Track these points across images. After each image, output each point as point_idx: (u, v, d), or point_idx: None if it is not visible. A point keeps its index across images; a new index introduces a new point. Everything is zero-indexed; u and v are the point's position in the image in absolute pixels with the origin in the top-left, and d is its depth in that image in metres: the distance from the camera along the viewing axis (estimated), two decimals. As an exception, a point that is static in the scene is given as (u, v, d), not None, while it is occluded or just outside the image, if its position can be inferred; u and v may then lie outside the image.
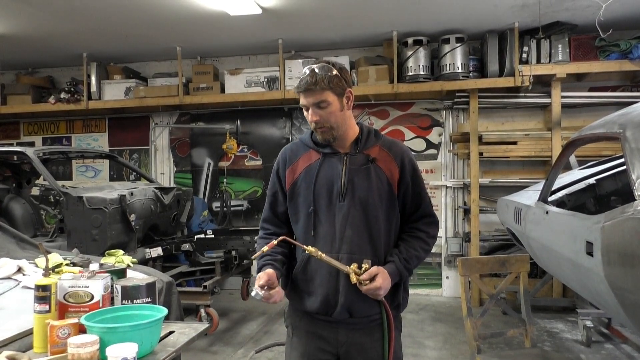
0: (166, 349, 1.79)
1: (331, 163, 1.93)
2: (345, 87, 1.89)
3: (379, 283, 1.80)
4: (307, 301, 1.94)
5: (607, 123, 2.86)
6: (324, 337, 1.95)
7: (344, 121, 1.91)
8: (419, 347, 4.60)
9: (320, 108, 1.86)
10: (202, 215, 6.95)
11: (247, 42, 6.25)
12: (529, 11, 5.11)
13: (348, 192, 1.89)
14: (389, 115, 6.52)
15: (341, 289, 1.87)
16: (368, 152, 1.94)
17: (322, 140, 1.93)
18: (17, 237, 3.37)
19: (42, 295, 1.79)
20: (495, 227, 6.10)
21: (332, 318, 1.91)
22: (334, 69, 1.88)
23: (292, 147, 2.06)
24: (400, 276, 1.90)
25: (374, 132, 2.01)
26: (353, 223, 1.88)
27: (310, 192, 1.92)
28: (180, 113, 7.07)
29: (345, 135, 1.94)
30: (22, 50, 6.33)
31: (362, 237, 1.88)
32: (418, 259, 1.95)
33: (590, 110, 5.86)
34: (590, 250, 2.59)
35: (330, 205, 1.90)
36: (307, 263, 1.93)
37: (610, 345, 4.47)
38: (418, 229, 1.98)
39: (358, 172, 1.90)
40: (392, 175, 1.92)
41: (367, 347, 1.93)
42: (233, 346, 4.67)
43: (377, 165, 1.92)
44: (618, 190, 4.04)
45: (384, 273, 1.83)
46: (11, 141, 7.57)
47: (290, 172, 1.99)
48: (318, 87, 1.83)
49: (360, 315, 1.90)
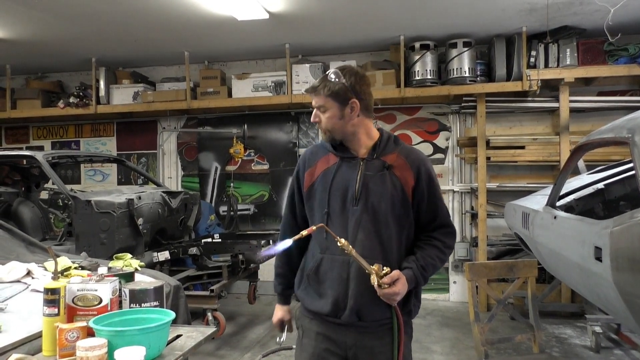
0: (174, 352, 1.80)
1: (348, 167, 1.96)
2: (350, 97, 1.91)
3: (398, 288, 1.79)
4: (318, 303, 1.95)
5: (616, 128, 2.85)
6: (333, 339, 1.95)
7: (346, 128, 1.94)
8: (426, 352, 4.58)
9: (320, 111, 1.94)
10: (209, 219, 6.95)
11: (254, 47, 6.28)
12: (537, 15, 5.10)
13: (362, 197, 1.90)
14: (396, 119, 6.52)
15: (350, 293, 1.88)
16: (385, 159, 1.95)
17: (325, 139, 2.00)
18: (26, 241, 3.39)
19: (51, 299, 1.80)
20: (502, 232, 6.07)
21: (341, 321, 1.91)
22: (344, 78, 1.90)
23: (313, 149, 2.11)
24: (416, 283, 1.91)
25: (394, 139, 2.02)
26: (365, 228, 1.89)
27: (325, 195, 1.95)
28: (187, 117, 7.11)
29: (358, 141, 1.97)
30: (32, 55, 6.39)
31: (373, 242, 1.89)
32: (434, 268, 1.96)
33: (599, 114, 5.83)
34: (599, 255, 2.58)
35: (344, 209, 1.92)
36: (320, 265, 1.95)
37: (619, 351, 4.43)
38: (435, 237, 1.98)
39: (373, 178, 1.92)
40: (407, 183, 1.92)
41: (376, 350, 1.93)
42: (240, 350, 4.67)
43: (393, 172, 1.93)
44: (627, 195, 4.01)
45: (404, 279, 1.83)
46: (20, 145, 7.63)
47: (309, 174, 2.03)
48: (319, 91, 1.91)
49: (370, 319, 1.90)
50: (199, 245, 5.16)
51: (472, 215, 6.23)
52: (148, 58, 6.75)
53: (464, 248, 6.22)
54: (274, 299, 2.29)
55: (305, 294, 2.01)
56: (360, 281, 1.85)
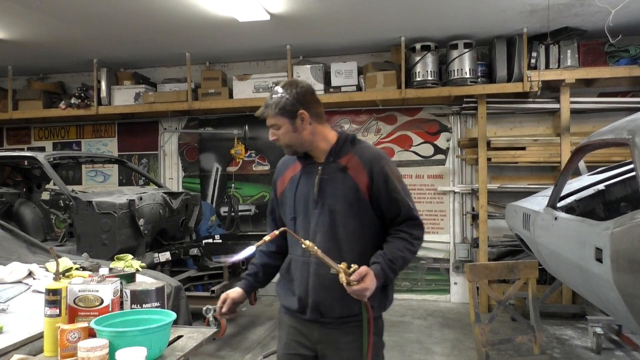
0: (175, 353, 1.80)
1: (309, 173, 2.06)
2: (297, 109, 1.98)
3: (367, 284, 1.81)
4: (289, 300, 2.08)
5: (617, 129, 2.85)
6: (304, 333, 2.07)
7: (302, 139, 2.01)
8: (427, 353, 4.59)
9: (275, 129, 2.03)
10: (210, 220, 6.96)
11: (255, 48, 6.29)
12: (538, 17, 5.10)
13: (319, 200, 2.00)
14: (396, 120, 6.52)
15: (310, 290, 1.98)
16: (340, 161, 2.03)
17: (288, 154, 2.10)
18: (27, 242, 3.40)
19: (53, 299, 1.80)
20: (503, 233, 6.07)
21: (307, 317, 2.02)
22: (286, 92, 1.99)
23: (284, 159, 2.22)
24: (386, 277, 1.92)
25: (351, 141, 2.08)
26: (322, 229, 1.99)
27: (292, 200, 2.08)
28: (188, 118, 7.12)
29: (315, 148, 2.05)
30: (34, 56, 6.40)
31: (331, 242, 1.97)
32: (404, 260, 1.97)
33: (600, 116, 5.83)
34: (599, 256, 2.58)
35: (307, 213, 2.03)
36: (290, 265, 2.09)
37: (620, 352, 4.43)
38: (402, 230, 2.02)
39: (328, 181, 2.01)
40: (361, 182, 1.98)
41: (342, 347, 2.00)
42: (241, 351, 4.68)
43: (347, 173, 2.00)
44: (628, 196, 4.01)
45: (372, 274, 1.84)
46: (22, 146, 7.65)
47: (280, 182, 2.17)
48: (268, 112, 2.02)
49: (330, 316, 1.98)
50: (200, 246, 5.17)
51: (473, 216, 6.23)
52: (149, 59, 6.77)
53: (464, 249, 6.22)
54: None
55: (281, 290, 2.14)
56: (318, 280, 1.95)
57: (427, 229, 2.15)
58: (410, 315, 5.78)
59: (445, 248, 6.36)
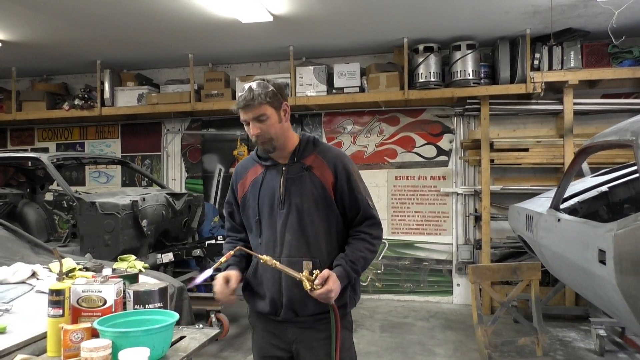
0: (177, 353, 1.80)
1: (272, 175, 2.08)
2: (281, 101, 2.02)
3: (330, 286, 1.86)
4: (260, 304, 2.09)
5: (620, 130, 2.85)
6: (278, 335, 2.09)
7: (283, 132, 2.04)
8: (429, 354, 4.58)
9: (259, 121, 1.98)
10: (213, 221, 6.97)
11: (258, 49, 6.29)
12: (541, 18, 5.10)
13: (286, 199, 2.03)
14: (399, 121, 6.52)
15: (284, 291, 2.00)
16: (304, 161, 2.06)
17: (263, 151, 2.06)
18: (31, 242, 3.41)
19: (56, 300, 1.81)
20: (506, 235, 6.06)
21: (281, 318, 2.03)
22: (270, 86, 2.01)
23: (243, 162, 2.23)
24: (349, 278, 1.98)
25: (313, 141, 2.13)
26: (291, 228, 2.01)
27: (255, 202, 2.09)
28: (191, 119, 7.13)
29: (285, 146, 2.07)
30: (37, 57, 6.43)
31: (300, 240, 2.00)
32: (365, 260, 2.03)
33: (603, 117, 5.81)
34: (602, 258, 2.57)
35: (272, 213, 2.05)
36: (257, 268, 2.09)
37: (624, 354, 4.41)
38: (362, 231, 2.07)
39: (294, 180, 2.04)
40: (327, 181, 2.03)
41: (315, 345, 2.04)
42: (243, 352, 4.68)
43: (313, 172, 2.04)
44: (631, 198, 4.01)
45: (334, 276, 1.90)
46: (26, 147, 7.68)
47: (240, 186, 2.17)
48: (256, 102, 1.96)
49: (305, 314, 2.01)
50: (203, 247, 5.17)
51: (476, 218, 6.22)
52: (152, 60, 6.78)
53: (467, 250, 6.21)
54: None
55: (250, 295, 2.15)
56: (290, 278, 1.94)
57: (430, 230, 2.19)
58: (413, 317, 5.77)
59: (448, 249, 6.35)
